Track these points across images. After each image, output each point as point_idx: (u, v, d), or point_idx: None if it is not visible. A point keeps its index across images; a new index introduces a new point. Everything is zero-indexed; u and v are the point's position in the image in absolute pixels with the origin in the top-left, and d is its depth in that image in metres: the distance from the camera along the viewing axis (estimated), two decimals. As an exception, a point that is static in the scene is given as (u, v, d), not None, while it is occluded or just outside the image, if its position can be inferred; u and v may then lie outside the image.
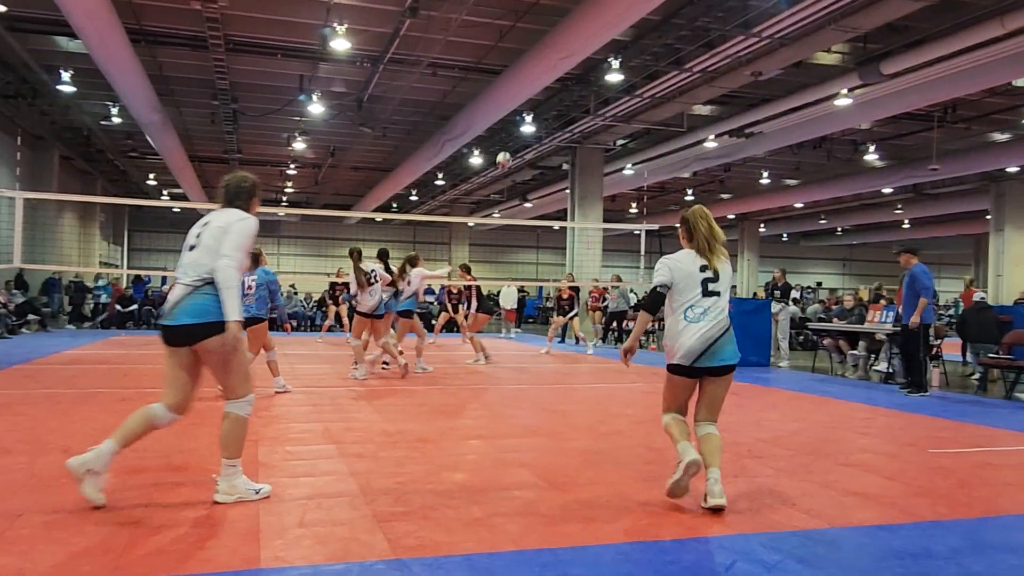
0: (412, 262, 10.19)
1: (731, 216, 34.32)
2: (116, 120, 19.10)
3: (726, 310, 4.20)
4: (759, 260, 37.11)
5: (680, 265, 4.21)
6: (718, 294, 4.19)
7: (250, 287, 7.56)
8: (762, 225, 37.05)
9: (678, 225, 4.42)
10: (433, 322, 18.41)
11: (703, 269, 4.19)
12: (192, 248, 3.89)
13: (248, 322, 7.48)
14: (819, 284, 38.57)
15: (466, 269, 13.15)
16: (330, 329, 17.94)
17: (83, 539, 3.18)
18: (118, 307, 20.54)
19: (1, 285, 17.39)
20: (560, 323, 15.71)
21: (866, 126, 18.75)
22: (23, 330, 16.43)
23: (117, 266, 32.08)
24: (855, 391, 9.50)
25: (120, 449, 3.73)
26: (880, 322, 11.04)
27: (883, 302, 12.62)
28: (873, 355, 11.45)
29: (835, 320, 12.78)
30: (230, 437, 3.91)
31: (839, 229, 38.22)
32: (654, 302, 4.26)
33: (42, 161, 22.54)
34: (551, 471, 4.66)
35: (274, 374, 7.97)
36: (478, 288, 12.61)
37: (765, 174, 25.65)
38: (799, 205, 30.77)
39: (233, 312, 3.72)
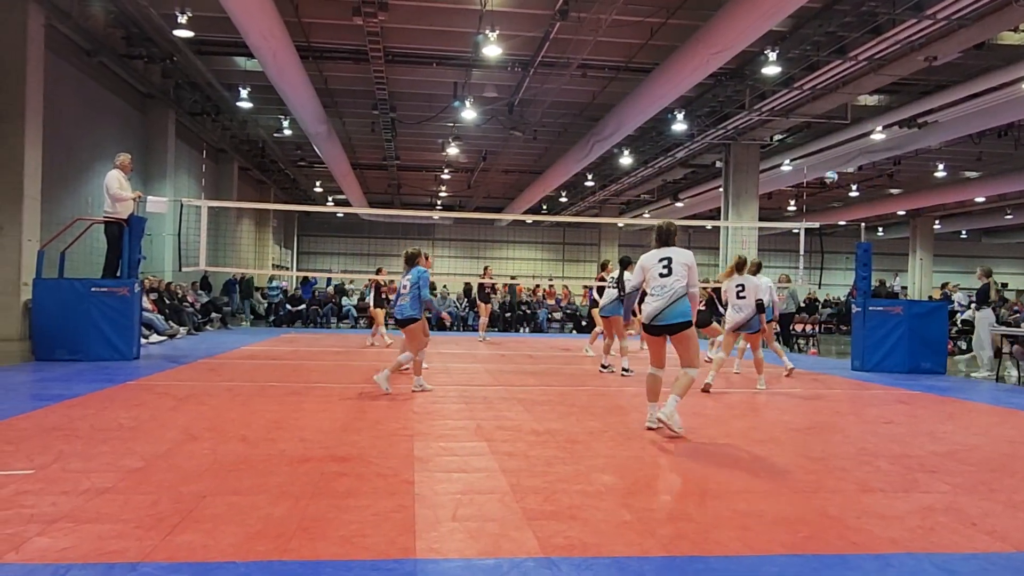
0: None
1: (901, 212, 32.02)
2: (287, 132, 20.55)
3: (751, 304, 8.70)
4: (933, 260, 34.38)
5: (731, 284, 8.87)
6: (745, 297, 8.72)
7: (404, 286, 7.69)
8: (937, 222, 34.29)
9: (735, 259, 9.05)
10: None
11: (739, 286, 8.79)
12: (664, 275, 5.79)
13: (403, 322, 7.72)
14: (1004, 286, 35.24)
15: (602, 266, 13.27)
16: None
17: (258, 521, 3.43)
18: (288, 306, 22.00)
19: (189, 286, 19.07)
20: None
21: (1061, 110, 16.94)
22: (207, 327, 17.95)
23: (287, 268, 34.37)
24: (1047, 403, 8.60)
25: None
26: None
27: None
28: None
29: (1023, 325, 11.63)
30: (683, 385, 5.77)
31: (1029, 225, 34.79)
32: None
33: (223, 172, 24.62)
34: (703, 477, 4.54)
35: (416, 373, 8.03)
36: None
37: (940, 166, 23.75)
38: (980, 199, 28.27)
39: (694, 315, 5.99)
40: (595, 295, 12.80)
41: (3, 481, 3.95)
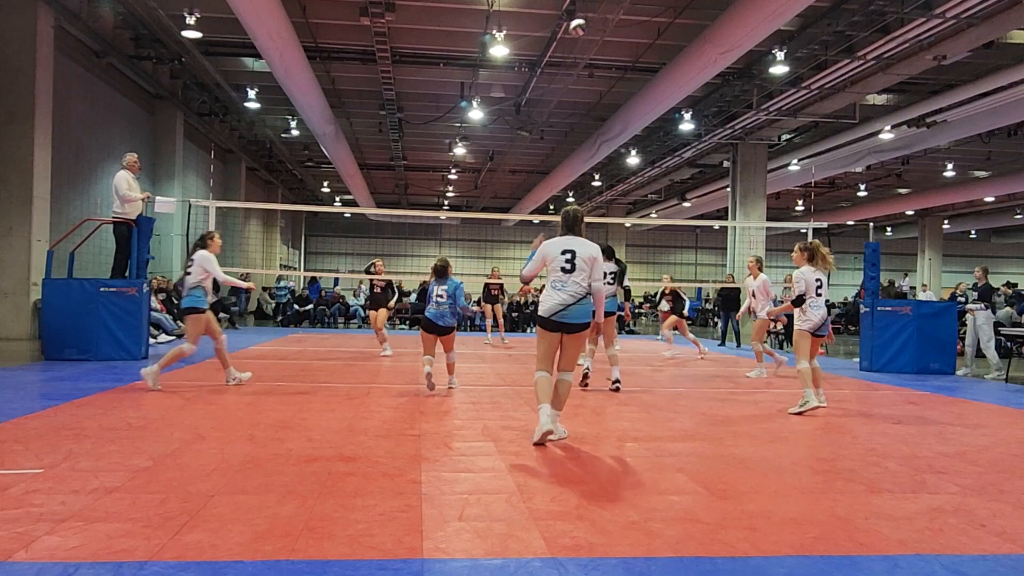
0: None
1: (910, 212, 31.91)
2: (295, 132, 20.61)
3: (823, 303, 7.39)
4: (942, 259, 34.22)
5: (811, 278, 7.30)
6: (822, 293, 7.36)
7: (441, 295, 7.67)
8: (946, 221, 34.14)
9: (802, 250, 7.39)
10: None
11: (818, 279, 7.32)
12: (567, 271, 5.36)
13: (446, 330, 7.76)
14: (1014, 286, 34.98)
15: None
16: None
17: (265, 521, 3.44)
18: (295, 306, 22.04)
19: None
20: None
21: (1071, 110, 16.84)
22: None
23: (295, 268, 34.45)
24: (1058, 404, 8.54)
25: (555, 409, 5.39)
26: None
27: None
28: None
29: (1033, 325, 11.55)
30: (564, 396, 5.44)
31: (1038, 225, 34.61)
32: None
33: (231, 172, 24.72)
34: (710, 477, 4.53)
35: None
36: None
37: (949, 166, 23.67)
38: (990, 199, 28.17)
39: (601, 315, 5.57)
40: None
41: (12, 480, 3.97)
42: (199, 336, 7.86)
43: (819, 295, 7.33)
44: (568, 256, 5.36)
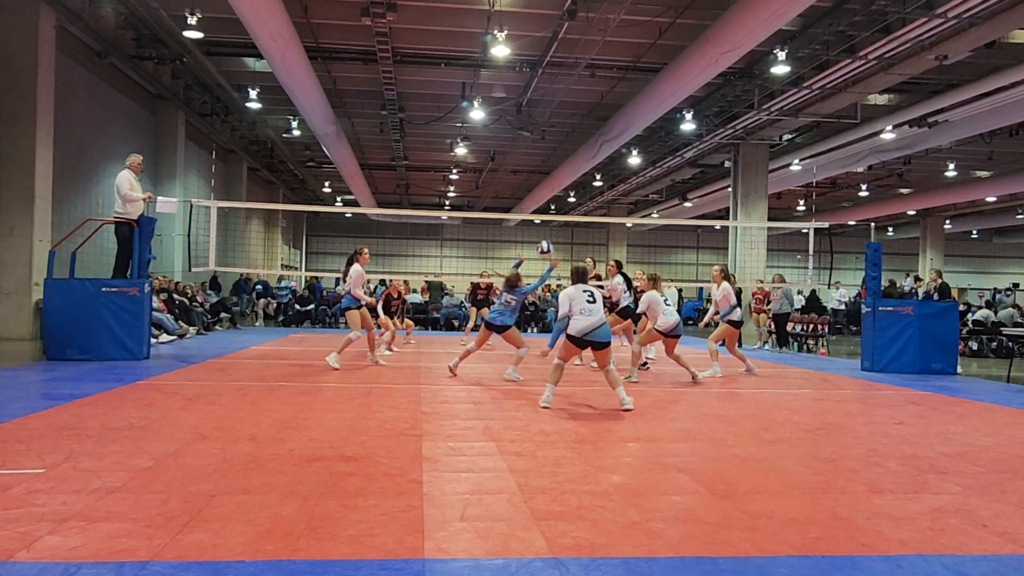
0: None
1: (911, 212, 31.87)
2: (296, 133, 20.61)
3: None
4: (944, 260, 34.19)
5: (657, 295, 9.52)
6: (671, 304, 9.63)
7: (507, 301, 9.76)
8: (947, 222, 34.09)
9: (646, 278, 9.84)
10: None
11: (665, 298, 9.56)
12: (591, 303, 7.08)
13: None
14: (1016, 286, 34.93)
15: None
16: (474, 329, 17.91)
17: (267, 520, 3.44)
18: (297, 306, 22.04)
19: (198, 287, 19.12)
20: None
21: (1073, 109, 16.81)
22: (216, 327, 18.00)
23: (296, 268, 34.45)
24: (1059, 404, 8.53)
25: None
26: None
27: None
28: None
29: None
30: (617, 377, 7.15)
31: (1040, 225, 34.57)
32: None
33: (232, 173, 24.74)
34: (712, 478, 4.53)
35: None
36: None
37: (951, 166, 23.65)
38: (991, 199, 28.13)
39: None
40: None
41: (14, 480, 3.98)
42: (358, 326, 10.05)
43: (668, 305, 9.52)
44: (588, 294, 7.18)
